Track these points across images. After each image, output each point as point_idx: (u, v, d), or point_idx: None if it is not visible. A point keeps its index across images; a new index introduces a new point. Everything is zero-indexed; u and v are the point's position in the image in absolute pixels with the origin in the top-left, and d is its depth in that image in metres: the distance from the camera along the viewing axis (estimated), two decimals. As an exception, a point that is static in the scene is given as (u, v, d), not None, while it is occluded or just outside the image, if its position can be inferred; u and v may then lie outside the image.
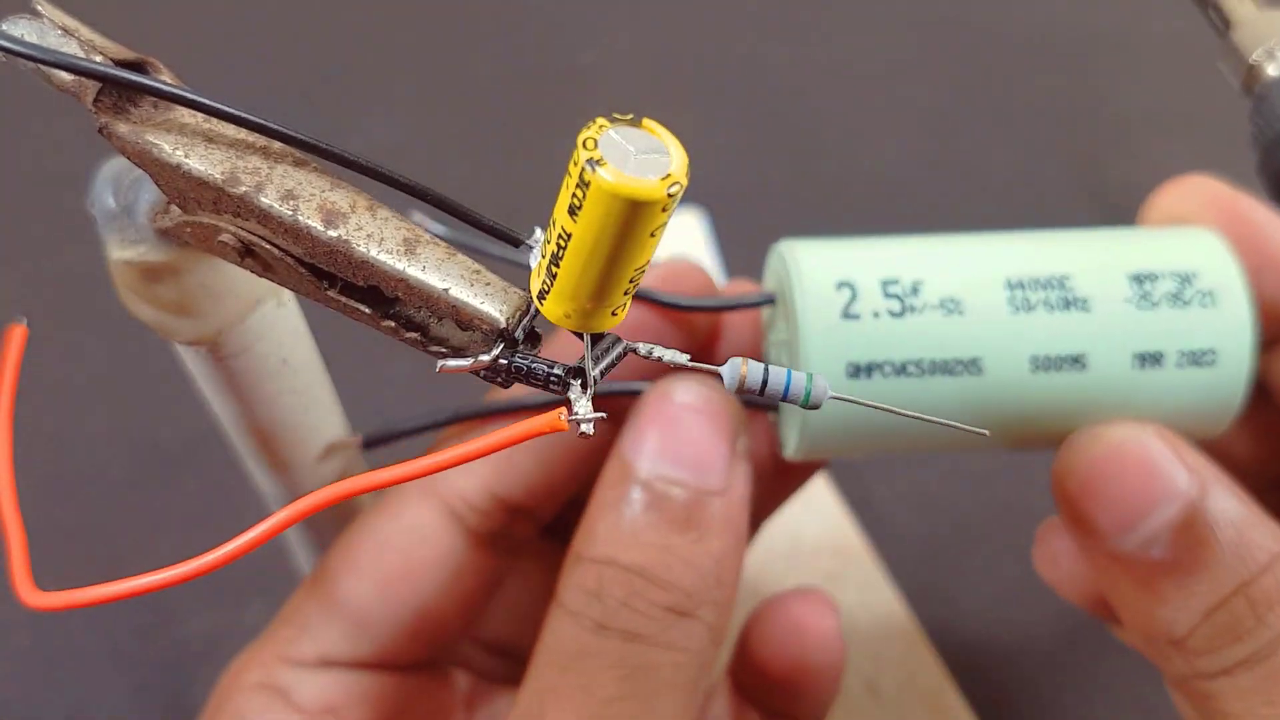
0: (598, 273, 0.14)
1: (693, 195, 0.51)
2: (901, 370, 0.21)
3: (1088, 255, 0.23)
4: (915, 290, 0.22)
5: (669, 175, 0.13)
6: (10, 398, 0.18)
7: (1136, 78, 0.59)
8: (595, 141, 0.13)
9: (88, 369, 0.45)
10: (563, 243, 0.14)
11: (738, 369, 0.16)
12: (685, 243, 0.51)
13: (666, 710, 0.20)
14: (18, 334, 0.19)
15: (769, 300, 0.24)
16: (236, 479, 0.26)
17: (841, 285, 0.22)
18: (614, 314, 0.15)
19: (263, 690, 0.22)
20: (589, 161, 0.13)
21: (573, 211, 0.13)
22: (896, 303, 0.22)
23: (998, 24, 0.60)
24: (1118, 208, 0.54)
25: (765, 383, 0.16)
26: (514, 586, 0.26)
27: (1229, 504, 0.20)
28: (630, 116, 0.13)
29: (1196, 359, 0.22)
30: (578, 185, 0.13)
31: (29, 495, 0.18)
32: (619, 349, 0.16)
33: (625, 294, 0.15)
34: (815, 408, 0.16)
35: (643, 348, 0.16)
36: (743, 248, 0.50)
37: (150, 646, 0.39)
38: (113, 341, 0.44)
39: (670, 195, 0.13)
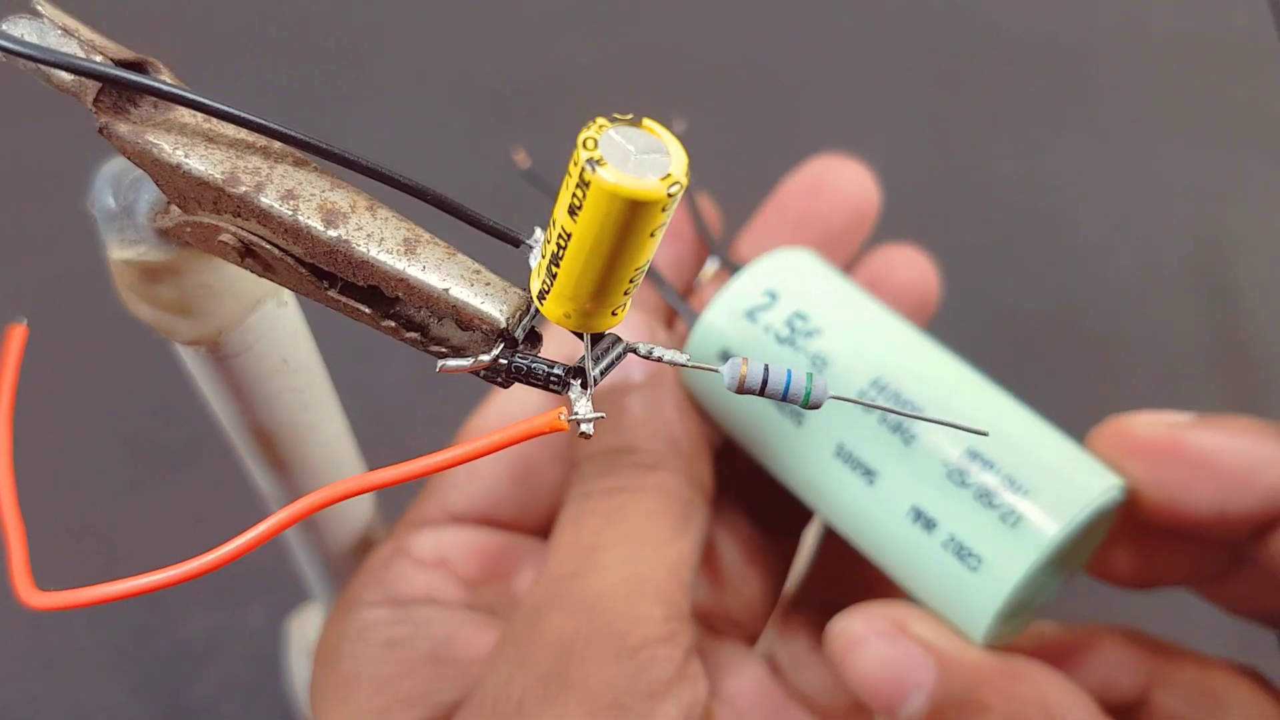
0: (598, 273, 0.14)
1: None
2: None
3: (956, 405, 0.23)
4: (809, 334, 0.24)
5: (669, 175, 0.13)
6: (10, 398, 0.18)
7: (1138, 77, 0.59)
8: (595, 141, 0.13)
9: (88, 369, 0.45)
10: (563, 243, 0.14)
11: (737, 368, 0.16)
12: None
13: (645, 529, 0.23)
14: (18, 334, 0.19)
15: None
16: (236, 479, 0.26)
17: (767, 292, 0.25)
18: (614, 314, 0.15)
19: (392, 551, 0.26)
20: (589, 161, 0.13)
21: (573, 211, 0.13)
22: (789, 330, 0.24)
23: (998, 23, 0.60)
24: (1119, 208, 0.54)
25: (765, 382, 0.16)
26: None
27: (976, 683, 0.22)
28: (630, 116, 0.13)
29: (961, 552, 0.22)
30: (578, 185, 0.13)
31: (29, 495, 0.18)
32: (619, 349, 0.16)
33: (625, 294, 0.15)
34: (815, 407, 0.16)
35: (643, 347, 0.16)
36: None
37: (150, 646, 0.39)
38: (113, 341, 0.44)
39: (670, 195, 0.13)
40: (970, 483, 0.22)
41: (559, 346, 0.23)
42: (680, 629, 0.22)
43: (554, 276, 0.14)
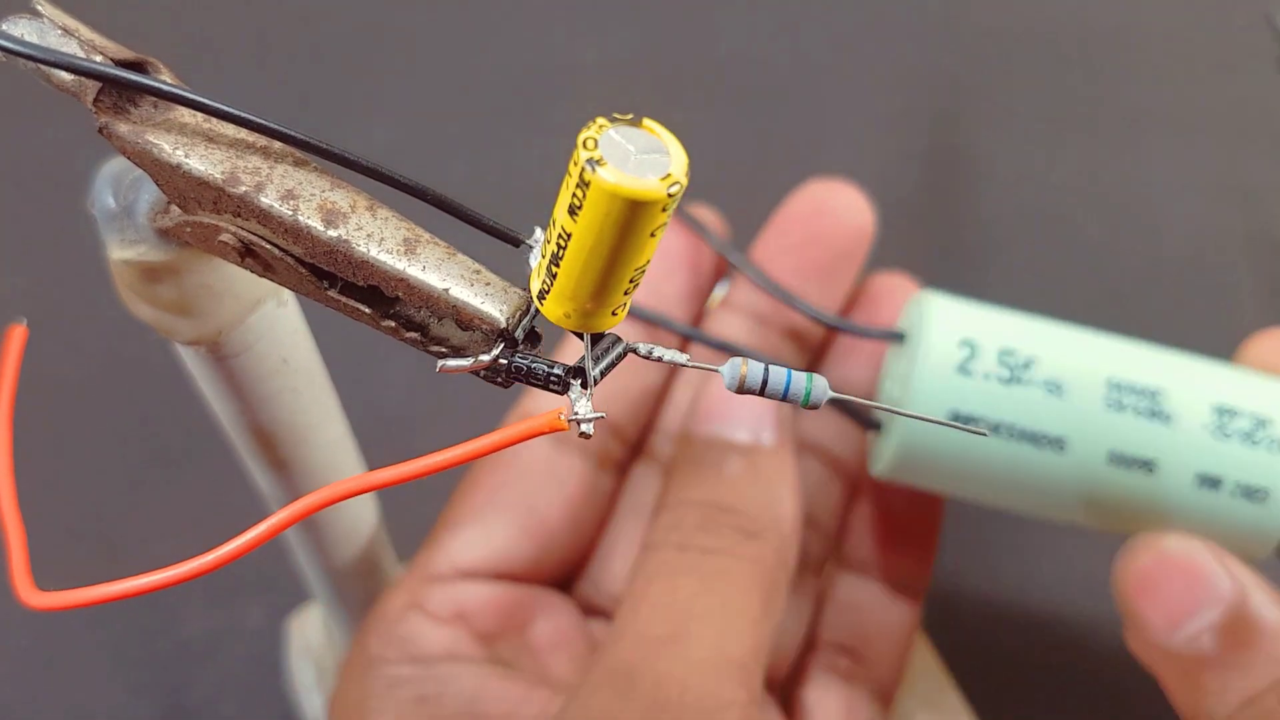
0: (598, 273, 0.14)
1: (693, 195, 0.51)
2: (995, 429, 0.24)
3: (1184, 377, 0.25)
4: (1027, 365, 0.25)
5: (669, 175, 0.13)
6: (10, 398, 0.18)
7: (1139, 76, 0.59)
8: (595, 141, 0.13)
9: (88, 369, 0.44)
10: (563, 243, 0.14)
11: (737, 368, 0.16)
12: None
13: (740, 605, 0.23)
14: (18, 334, 0.19)
15: (898, 336, 0.27)
16: (236, 479, 0.26)
17: (964, 343, 0.25)
18: (614, 314, 0.15)
19: (404, 606, 0.25)
20: (589, 161, 0.13)
21: (573, 211, 0.13)
22: (1007, 371, 0.25)
23: (999, 23, 0.60)
24: (1119, 208, 0.54)
25: (765, 382, 0.16)
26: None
27: (1267, 610, 0.23)
28: (630, 116, 0.13)
29: (1249, 493, 0.25)
30: (578, 185, 0.13)
31: (29, 495, 0.18)
32: (619, 349, 0.16)
33: (625, 294, 0.15)
34: (815, 407, 0.16)
35: (643, 348, 0.16)
36: (743, 248, 0.50)
37: (150, 646, 0.39)
38: (113, 341, 0.44)
39: (670, 195, 0.13)
40: (1231, 431, 0.24)
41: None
42: (757, 714, 0.23)
43: (554, 276, 0.14)
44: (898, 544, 0.30)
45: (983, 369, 0.25)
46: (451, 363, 0.16)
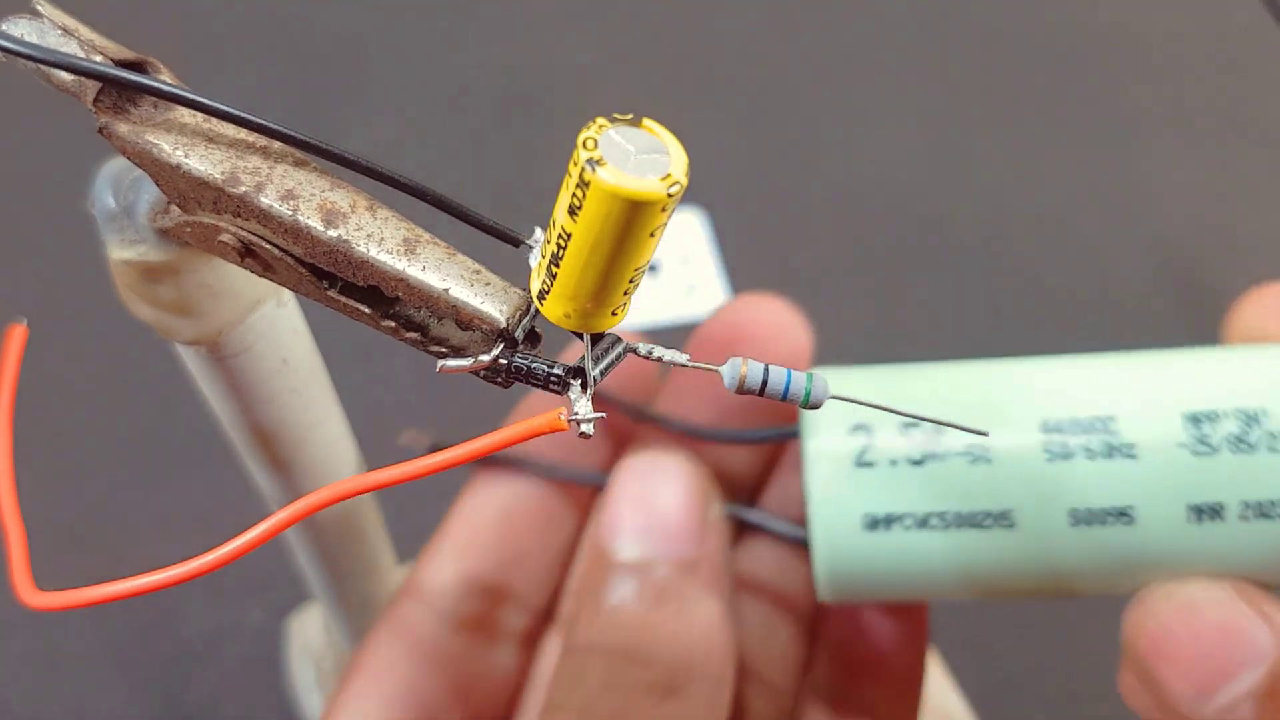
0: (598, 273, 0.14)
1: (693, 195, 0.51)
2: (924, 522, 0.20)
3: (1137, 390, 0.20)
4: (939, 431, 0.20)
5: (669, 175, 0.13)
6: (10, 398, 0.18)
7: (1140, 76, 0.59)
8: (595, 141, 0.13)
9: (88, 369, 0.45)
10: (563, 243, 0.14)
11: (737, 368, 0.16)
12: (685, 243, 0.51)
13: None
14: (18, 334, 0.19)
15: (793, 434, 0.22)
16: (236, 479, 0.26)
17: (857, 428, 0.20)
18: (614, 314, 0.15)
19: None
20: (589, 161, 0.13)
21: (573, 211, 0.13)
22: (918, 450, 0.20)
23: (1000, 23, 0.60)
24: (1121, 208, 0.54)
25: (765, 382, 0.16)
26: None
27: None
28: (630, 116, 0.13)
29: (1264, 511, 0.19)
30: (578, 185, 0.13)
31: (29, 495, 0.18)
32: (619, 349, 0.16)
33: (625, 294, 0.15)
34: (815, 407, 0.16)
35: (642, 347, 0.16)
36: (743, 248, 0.50)
37: (150, 646, 0.39)
38: (113, 341, 0.44)
39: (670, 195, 0.13)
40: (1216, 442, 0.19)
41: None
42: None
43: (554, 277, 0.14)
44: (873, 684, 0.24)
45: (887, 454, 0.20)
46: (451, 363, 0.16)
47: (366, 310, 0.17)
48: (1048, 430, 0.20)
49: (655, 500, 0.21)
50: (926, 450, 0.20)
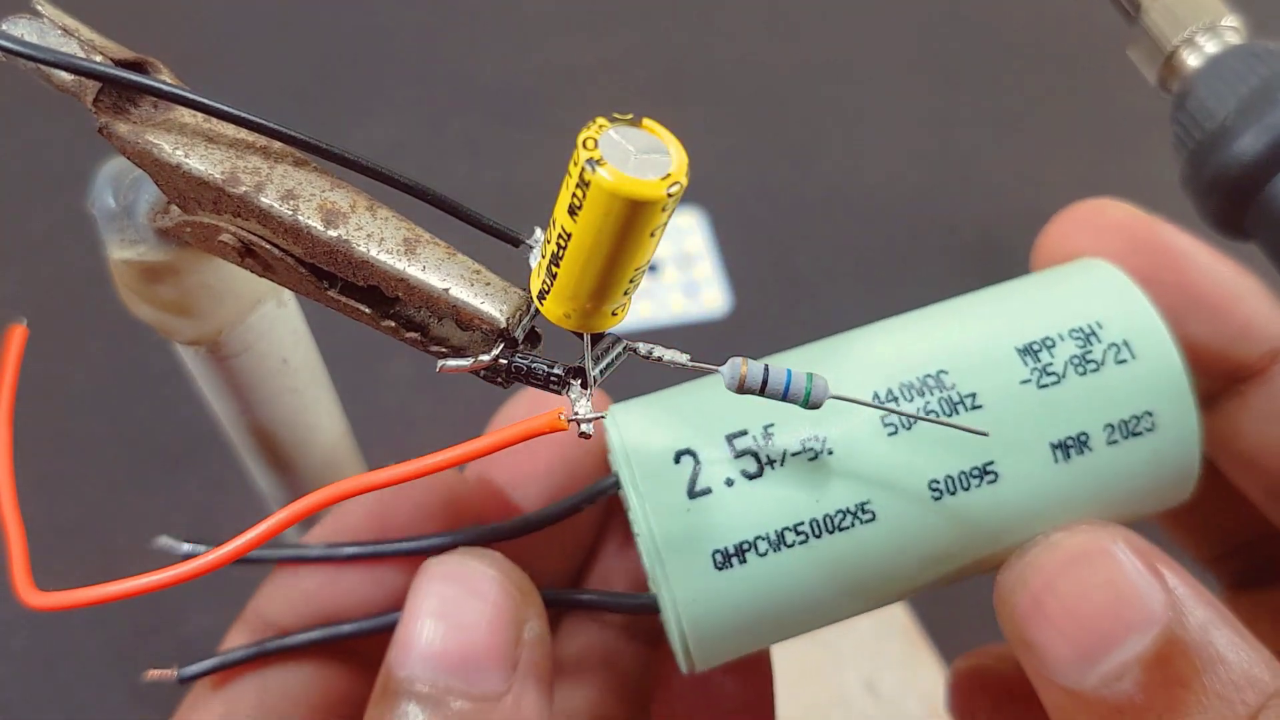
0: (598, 273, 0.14)
1: (693, 195, 0.51)
2: (780, 542, 0.17)
3: (962, 335, 0.18)
4: (768, 435, 0.18)
5: (669, 175, 0.13)
6: (10, 398, 0.18)
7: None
8: (595, 141, 0.13)
9: (88, 369, 0.45)
10: (563, 243, 0.14)
11: (737, 368, 0.16)
12: (685, 243, 0.51)
13: None
14: (18, 334, 0.19)
15: (612, 487, 0.19)
16: (236, 479, 0.26)
17: (681, 455, 0.18)
18: (614, 314, 0.15)
19: None
20: (589, 161, 0.13)
21: (573, 211, 0.13)
22: (751, 460, 0.18)
23: (999, 23, 0.60)
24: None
25: (765, 382, 0.16)
26: None
27: (1214, 631, 0.16)
28: (630, 116, 0.13)
29: (1130, 429, 0.18)
30: (578, 185, 0.13)
31: (29, 495, 0.18)
32: (619, 349, 0.16)
33: (625, 294, 0.15)
34: (816, 407, 0.16)
35: (643, 347, 0.16)
36: (743, 248, 0.50)
37: (150, 646, 0.39)
38: (113, 341, 0.44)
39: (670, 195, 0.13)
40: (1057, 368, 0.18)
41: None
42: None
43: (554, 276, 0.14)
44: None
45: (720, 475, 0.17)
46: (451, 363, 0.16)
47: (366, 310, 0.17)
48: (882, 403, 0.18)
49: (457, 620, 0.17)
50: (762, 459, 0.18)
